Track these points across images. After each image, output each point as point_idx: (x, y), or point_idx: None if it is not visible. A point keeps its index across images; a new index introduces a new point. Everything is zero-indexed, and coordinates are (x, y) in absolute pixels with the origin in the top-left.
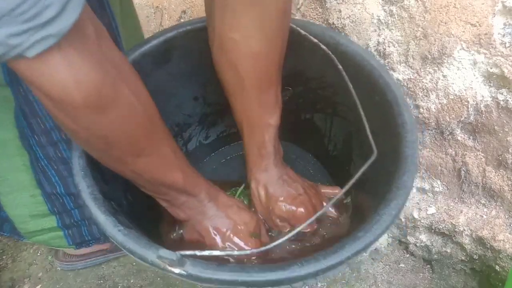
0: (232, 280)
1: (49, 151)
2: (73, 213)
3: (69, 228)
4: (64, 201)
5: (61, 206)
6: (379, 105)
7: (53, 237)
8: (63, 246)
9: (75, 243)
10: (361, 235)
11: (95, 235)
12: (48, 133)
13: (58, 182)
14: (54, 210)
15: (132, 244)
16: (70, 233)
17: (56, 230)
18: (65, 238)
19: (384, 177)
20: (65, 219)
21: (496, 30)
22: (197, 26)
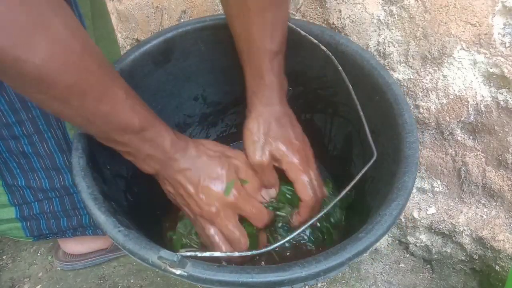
0: (233, 281)
1: (11, 145)
2: (33, 205)
3: (28, 221)
4: (25, 193)
5: (22, 198)
6: (379, 105)
7: (11, 228)
8: (20, 237)
9: (33, 235)
10: (362, 236)
11: (53, 229)
12: (9, 127)
13: (19, 174)
14: (14, 201)
15: (132, 244)
16: (28, 226)
17: (14, 222)
18: (23, 229)
19: (384, 177)
20: (24, 211)
21: (496, 30)
22: (197, 26)
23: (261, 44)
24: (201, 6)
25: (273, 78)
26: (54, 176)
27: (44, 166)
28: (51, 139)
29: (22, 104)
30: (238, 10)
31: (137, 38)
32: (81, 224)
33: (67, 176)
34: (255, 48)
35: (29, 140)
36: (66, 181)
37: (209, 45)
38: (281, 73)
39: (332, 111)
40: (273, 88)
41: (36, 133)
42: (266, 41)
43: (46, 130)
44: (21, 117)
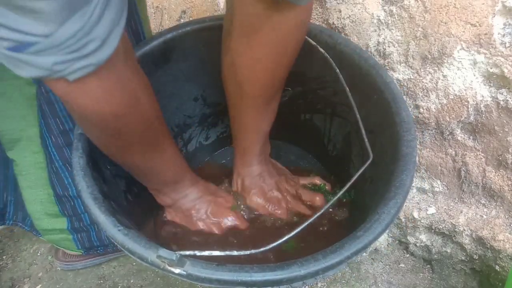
0: (231, 280)
1: (66, 153)
2: (83, 217)
3: (79, 232)
4: (75, 204)
5: (72, 209)
6: (377, 104)
7: (63, 239)
8: (72, 250)
9: (84, 247)
10: (360, 234)
11: (103, 241)
12: (66, 134)
13: (71, 184)
14: (64, 212)
15: (131, 244)
16: (79, 238)
17: (65, 233)
18: (74, 242)
19: (383, 176)
20: (75, 223)
21: (496, 30)
22: (197, 27)
23: (253, 127)
24: (201, 6)
25: (256, 149)
26: None
27: None
28: None
29: None
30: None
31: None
32: None
33: None
34: (247, 130)
35: None
36: None
37: (209, 45)
38: (265, 142)
39: (331, 111)
40: (254, 156)
41: None
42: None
43: None
44: None
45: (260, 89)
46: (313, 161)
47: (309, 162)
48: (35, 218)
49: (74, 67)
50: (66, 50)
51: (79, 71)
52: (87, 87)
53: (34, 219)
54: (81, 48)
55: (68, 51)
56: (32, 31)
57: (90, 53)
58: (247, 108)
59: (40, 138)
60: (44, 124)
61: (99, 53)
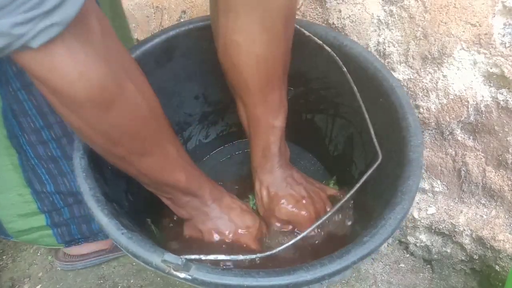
0: (237, 284)
1: (39, 150)
2: (62, 211)
3: (58, 227)
4: (54, 199)
5: (51, 204)
6: (383, 107)
7: (42, 235)
8: (51, 245)
9: (64, 241)
10: (366, 240)
11: (84, 233)
12: (38, 132)
13: (48, 180)
14: (43, 208)
15: (136, 247)
16: (59, 232)
17: (45, 229)
18: (54, 236)
19: (388, 180)
20: (55, 218)
21: (496, 30)
22: (198, 25)
23: (265, 123)
24: (201, 6)
25: (275, 150)
26: None
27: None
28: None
29: (50, 108)
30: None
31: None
32: None
33: None
34: (260, 126)
35: (58, 143)
36: None
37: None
38: (283, 143)
39: (333, 112)
40: (273, 159)
41: (65, 136)
42: (270, 119)
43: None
44: (49, 121)
45: (259, 69)
46: (313, 161)
47: (310, 162)
48: (6, 222)
49: (36, 29)
50: (23, 8)
51: (43, 33)
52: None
53: (5, 222)
54: (40, 3)
55: (26, 8)
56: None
57: (52, 10)
58: (253, 98)
59: (9, 139)
60: (17, 124)
61: (62, 10)
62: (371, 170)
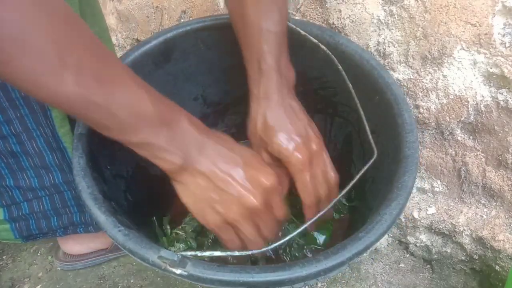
0: (233, 280)
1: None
2: (22, 206)
3: (17, 221)
4: (13, 194)
5: (10, 198)
6: (379, 105)
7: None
8: (8, 239)
9: (22, 236)
10: (362, 235)
11: (43, 229)
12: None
13: (8, 174)
14: (2, 202)
15: (132, 244)
16: (17, 227)
17: (2, 223)
18: (12, 231)
19: (384, 177)
20: (13, 212)
21: (496, 30)
22: (197, 26)
23: (258, 24)
24: (201, 6)
25: (271, 62)
26: (43, 175)
27: (33, 165)
28: (40, 137)
29: (10, 103)
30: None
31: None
32: (72, 222)
33: (56, 174)
34: (253, 30)
35: (18, 139)
36: (56, 179)
37: (209, 45)
38: (283, 57)
39: (332, 112)
40: (271, 75)
41: (25, 132)
42: (261, 20)
43: (35, 128)
44: (9, 116)
45: None
46: None
47: None
48: None
49: None
50: None
51: None
52: None
53: None
54: None
55: None
56: None
57: None
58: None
59: None
60: None
61: None
62: (366, 166)
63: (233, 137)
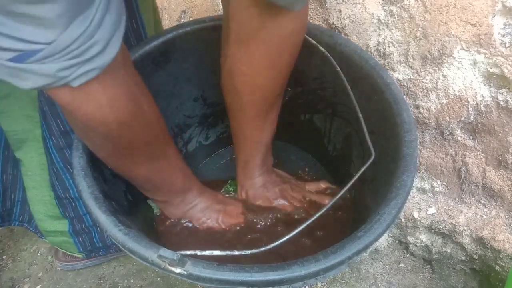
0: (232, 279)
1: (66, 154)
2: (84, 218)
3: (80, 235)
4: (77, 205)
5: (73, 211)
6: (378, 105)
7: (64, 241)
8: (73, 252)
9: (86, 250)
10: (361, 235)
11: (106, 241)
12: (67, 135)
13: (72, 186)
14: (65, 214)
15: (132, 243)
16: (81, 240)
17: (66, 235)
18: (75, 244)
19: (383, 176)
20: (76, 225)
21: (496, 30)
22: (197, 27)
23: (252, 138)
24: (201, 6)
25: (258, 161)
26: None
27: None
28: None
29: None
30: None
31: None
32: None
33: None
34: (247, 141)
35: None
36: None
37: (209, 45)
38: (266, 154)
39: (331, 112)
40: (255, 168)
41: None
42: (257, 136)
43: None
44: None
45: (259, 97)
46: (313, 162)
47: (309, 163)
48: (38, 219)
49: (78, 72)
50: (70, 55)
51: (83, 76)
52: (91, 94)
53: (37, 220)
54: (85, 52)
55: (72, 56)
56: (35, 38)
57: (94, 57)
58: (246, 119)
59: (42, 139)
60: (45, 125)
61: (102, 57)
62: (364, 167)
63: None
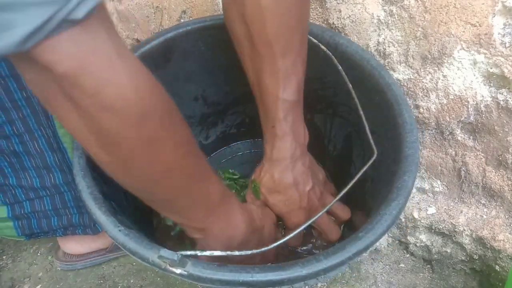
0: (233, 280)
1: (1, 144)
2: (24, 204)
3: (19, 220)
4: (16, 192)
5: (13, 197)
6: (379, 105)
7: (3, 227)
8: (12, 236)
9: (24, 234)
10: (362, 235)
11: (43, 228)
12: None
13: (11, 173)
14: (6, 200)
15: (133, 244)
16: (20, 225)
17: (6, 221)
18: (15, 229)
19: (384, 177)
20: (16, 210)
21: (496, 30)
22: (197, 27)
23: (273, 93)
24: (201, 6)
25: (286, 129)
26: (44, 175)
27: (35, 165)
28: (42, 138)
29: (13, 103)
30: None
31: (137, 38)
32: (71, 223)
33: (57, 174)
34: (268, 96)
35: (20, 139)
36: (57, 179)
37: (209, 45)
38: (296, 123)
39: (332, 112)
40: (285, 139)
41: (27, 132)
42: (279, 91)
43: (37, 129)
44: (12, 117)
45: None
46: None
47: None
48: None
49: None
50: None
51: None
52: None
53: None
54: None
55: None
56: None
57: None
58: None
59: None
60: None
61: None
62: (366, 166)
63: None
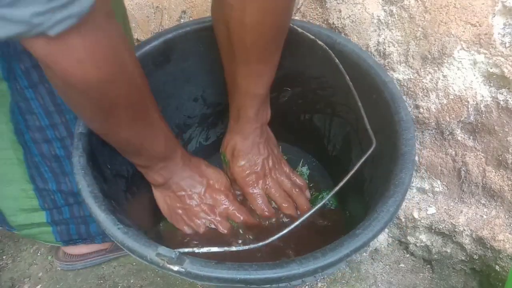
0: (231, 278)
1: (43, 148)
2: (63, 210)
3: (58, 225)
4: (55, 197)
5: (52, 202)
6: (376, 103)
7: (42, 232)
8: (50, 242)
9: (63, 240)
10: (359, 232)
11: (82, 234)
12: (43, 130)
13: (51, 178)
14: (44, 205)
15: (131, 242)
16: (59, 230)
17: (45, 226)
18: (53, 234)
19: (381, 174)
20: (55, 215)
21: (496, 30)
22: (197, 27)
23: (245, 89)
24: (201, 6)
25: (250, 114)
26: None
27: None
28: None
29: (56, 107)
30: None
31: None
32: None
33: None
34: (240, 91)
35: (62, 143)
36: None
37: (209, 45)
38: (262, 109)
39: (331, 112)
40: (247, 123)
41: (69, 137)
42: (250, 87)
43: None
44: (55, 121)
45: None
46: (313, 161)
47: (309, 163)
48: (9, 215)
49: (54, 19)
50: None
51: (60, 24)
52: (70, 45)
53: (7, 215)
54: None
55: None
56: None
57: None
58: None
59: (15, 134)
60: (23, 120)
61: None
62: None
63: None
